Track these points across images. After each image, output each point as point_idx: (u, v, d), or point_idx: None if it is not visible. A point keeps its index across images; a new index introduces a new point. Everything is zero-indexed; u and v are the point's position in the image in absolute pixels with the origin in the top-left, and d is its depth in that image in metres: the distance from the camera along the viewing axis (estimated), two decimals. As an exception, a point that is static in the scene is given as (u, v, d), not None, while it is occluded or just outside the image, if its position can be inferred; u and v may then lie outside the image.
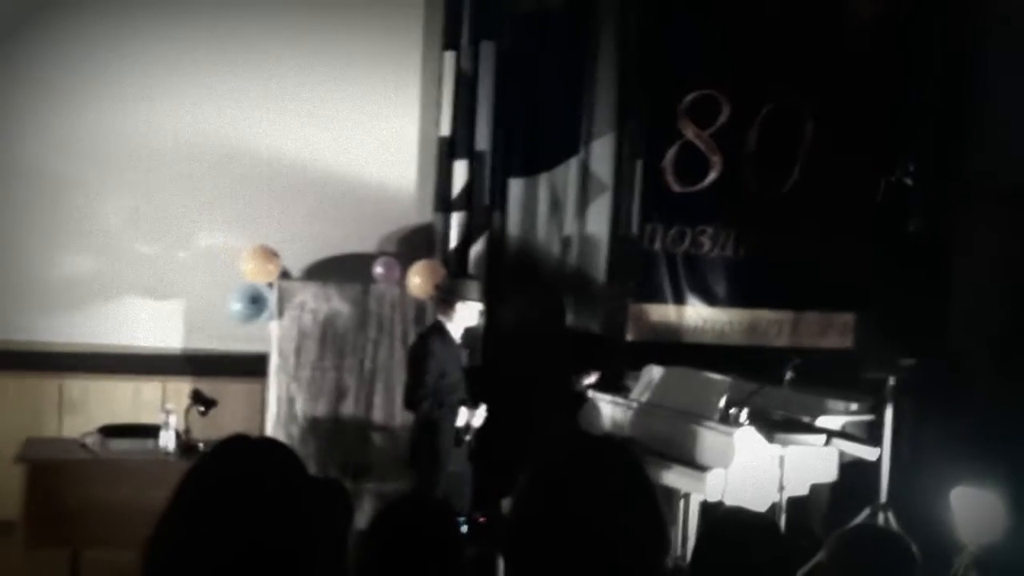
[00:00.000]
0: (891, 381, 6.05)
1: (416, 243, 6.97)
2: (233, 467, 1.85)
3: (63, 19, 6.59)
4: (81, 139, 6.64)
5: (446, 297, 5.81)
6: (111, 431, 5.63)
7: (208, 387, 5.79)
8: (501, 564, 1.86)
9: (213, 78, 6.75)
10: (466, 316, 5.81)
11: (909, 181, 7.18)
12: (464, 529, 2.52)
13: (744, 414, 5.59)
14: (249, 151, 6.81)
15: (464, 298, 5.77)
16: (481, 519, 2.37)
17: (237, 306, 6.30)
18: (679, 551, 5.38)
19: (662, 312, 7.10)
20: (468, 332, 5.97)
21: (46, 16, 6.57)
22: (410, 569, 2.38)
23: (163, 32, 6.70)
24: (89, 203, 6.67)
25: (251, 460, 1.86)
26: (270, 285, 6.37)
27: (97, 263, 6.69)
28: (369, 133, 6.95)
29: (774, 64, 7.11)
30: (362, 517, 3.13)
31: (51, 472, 5.31)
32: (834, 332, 7.26)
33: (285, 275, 6.50)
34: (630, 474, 1.83)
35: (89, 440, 5.52)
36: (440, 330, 5.76)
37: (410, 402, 5.70)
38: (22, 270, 6.60)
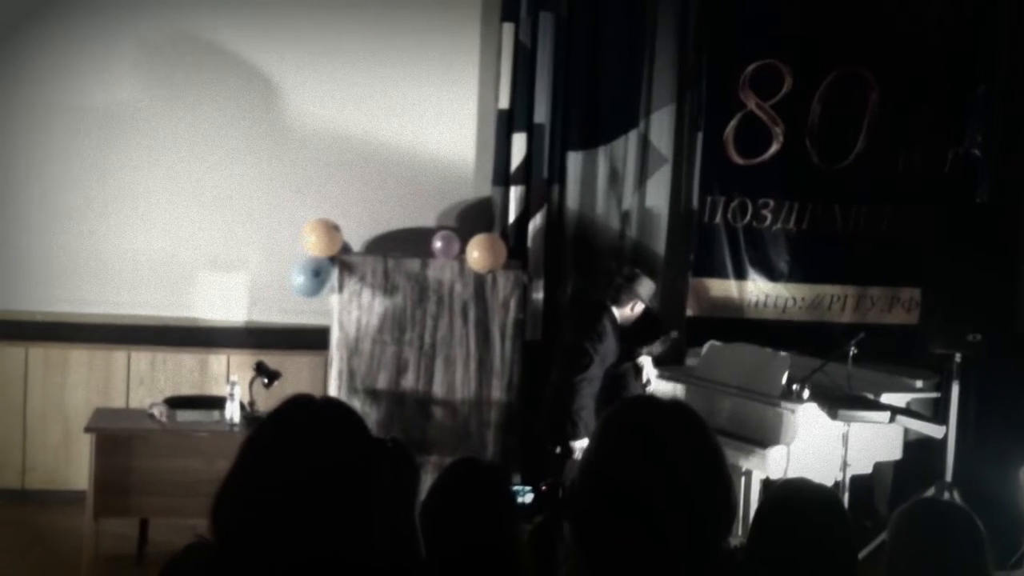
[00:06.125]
0: (957, 358, 5.95)
1: (475, 217, 6.97)
2: (297, 423, 1.86)
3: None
4: (143, 114, 6.73)
5: (625, 287, 5.94)
6: (177, 402, 5.74)
7: (272, 360, 5.88)
8: (566, 531, 1.85)
9: (272, 53, 6.80)
10: (630, 314, 5.95)
11: (977, 152, 7.02)
12: (529, 498, 2.54)
13: (807, 391, 5.53)
14: (310, 126, 6.86)
15: (640, 296, 5.92)
16: (544, 487, 2.39)
17: (299, 280, 6.36)
18: (739, 531, 5.34)
19: (723, 287, 7.03)
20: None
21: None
22: (463, 531, 2.40)
23: (220, 6, 6.76)
24: (153, 179, 6.76)
25: (315, 417, 1.88)
26: (331, 259, 6.41)
27: (163, 238, 6.78)
28: (428, 107, 6.95)
29: (838, 32, 6.96)
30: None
31: (119, 442, 5.42)
32: (899, 308, 7.13)
33: (346, 249, 6.54)
34: (698, 441, 1.81)
35: (156, 411, 5.62)
36: (610, 313, 5.89)
37: (569, 383, 5.73)
38: (91, 246, 6.72)
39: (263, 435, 1.86)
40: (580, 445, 5.53)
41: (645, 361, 6.06)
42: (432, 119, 6.97)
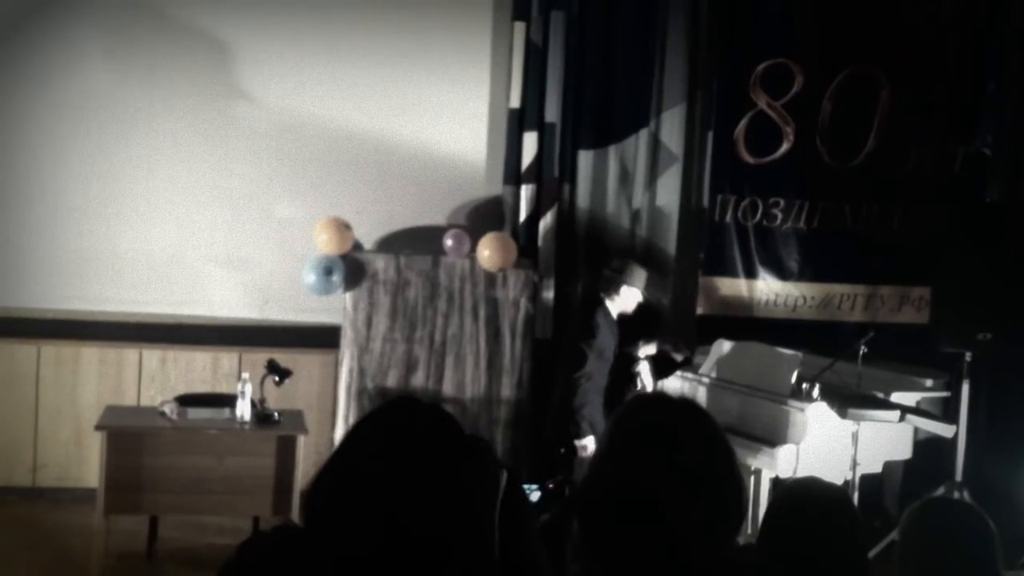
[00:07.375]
0: (968, 357, 5.93)
1: (486, 215, 6.98)
2: (395, 423, 1.85)
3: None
4: (147, 113, 6.75)
5: (614, 278, 5.87)
6: (188, 400, 5.74)
7: (283, 358, 5.88)
8: (575, 530, 1.85)
9: (285, 52, 6.81)
10: (627, 302, 5.87)
11: (988, 152, 6.99)
12: (536, 495, 2.53)
13: (816, 389, 5.53)
14: (321, 124, 6.87)
15: (631, 284, 5.84)
16: (551, 485, 2.39)
17: (310, 278, 6.37)
18: (748, 530, 5.34)
19: (733, 286, 7.02)
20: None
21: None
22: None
23: (224, 5, 6.78)
24: (164, 177, 6.79)
25: (412, 418, 1.88)
26: (343, 257, 6.43)
27: (174, 236, 6.80)
28: (439, 105, 6.96)
29: (848, 31, 6.95)
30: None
31: (129, 440, 5.41)
32: (909, 306, 7.11)
33: (357, 247, 6.56)
34: (709, 439, 1.80)
35: (167, 408, 5.62)
36: (603, 307, 5.82)
37: (571, 382, 5.67)
38: (103, 244, 6.74)
39: (363, 430, 1.86)
40: (584, 443, 5.53)
41: (643, 368, 6.03)
42: (443, 118, 6.98)
